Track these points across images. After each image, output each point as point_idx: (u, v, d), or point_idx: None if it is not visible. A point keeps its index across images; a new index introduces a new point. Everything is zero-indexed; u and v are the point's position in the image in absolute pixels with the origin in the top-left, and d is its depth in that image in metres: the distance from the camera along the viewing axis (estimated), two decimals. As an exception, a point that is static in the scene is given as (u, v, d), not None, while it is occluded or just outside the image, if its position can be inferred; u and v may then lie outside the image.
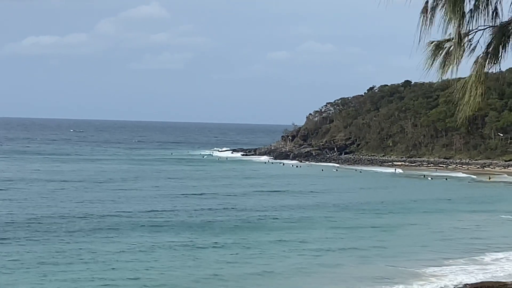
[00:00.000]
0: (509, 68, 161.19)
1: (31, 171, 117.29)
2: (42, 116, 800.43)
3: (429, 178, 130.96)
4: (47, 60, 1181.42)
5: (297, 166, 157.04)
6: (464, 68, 11.97)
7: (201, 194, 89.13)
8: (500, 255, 51.88)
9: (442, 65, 11.77)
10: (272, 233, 59.63)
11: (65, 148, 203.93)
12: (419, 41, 11.41)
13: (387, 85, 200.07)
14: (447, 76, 11.81)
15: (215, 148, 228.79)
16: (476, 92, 11.79)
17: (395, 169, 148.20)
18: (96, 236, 55.38)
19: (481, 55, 11.95)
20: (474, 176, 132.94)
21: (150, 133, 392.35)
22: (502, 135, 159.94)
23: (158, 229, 60.08)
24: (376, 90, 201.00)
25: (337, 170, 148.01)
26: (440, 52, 11.79)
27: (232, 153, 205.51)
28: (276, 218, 69.08)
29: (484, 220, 72.16)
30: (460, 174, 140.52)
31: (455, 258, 49.75)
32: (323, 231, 61.80)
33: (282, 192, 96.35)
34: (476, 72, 11.83)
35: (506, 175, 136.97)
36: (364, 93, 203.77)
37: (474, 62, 11.89)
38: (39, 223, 60.66)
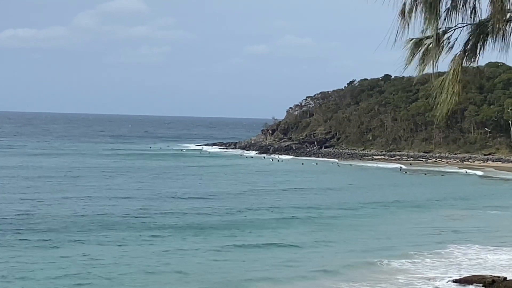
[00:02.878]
0: (488, 62, 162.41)
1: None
2: (19, 109, 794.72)
3: (404, 172, 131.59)
4: (25, 53, 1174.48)
5: (278, 161, 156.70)
6: (443, 64, 11.99)
7: (177, 192, 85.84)
8: (471, 248, 52.10)
9: (421, 62, 11.80)
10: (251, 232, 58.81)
11: (39, 143, 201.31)
12: (396, 38, 11.41)
13: (367, 79, 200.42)
14: (426, 72, 11.83)
15: (197, 143, 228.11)
16: (453, 91, 11.82)
17: (401, 167, 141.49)
18: (62, 237, 53.12)
19: (459, 53, 11.98)
20: (481, 173, 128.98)
21: (129, 127, 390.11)
22: (488, 129, 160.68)
23: (141, 229, 57.59)
24: (356, 84, 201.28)
25: (317, 163, 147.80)
26: (419, 49, 11.81)
27: (211, 147, 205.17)
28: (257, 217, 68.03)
29: (458, 215, 72.67)
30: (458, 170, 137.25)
31: (428, 254, 49.58)
32: (297, 228, 60.73)
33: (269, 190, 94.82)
34: (453, 70, 11.86)
35: (493, 169, 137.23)
36: (344, 87, 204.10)
37: (452, 60, 11.92)
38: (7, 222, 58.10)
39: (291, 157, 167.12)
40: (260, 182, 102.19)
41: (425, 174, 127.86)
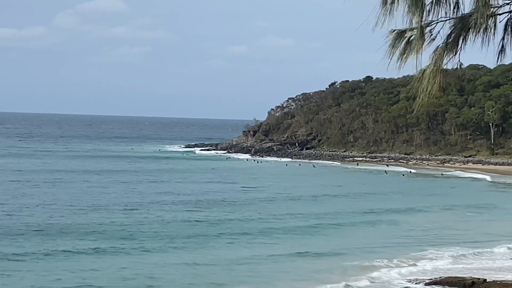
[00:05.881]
0: (469, 64, 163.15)
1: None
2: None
3: (385, 172, 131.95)
4: (4, 53, 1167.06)
5: (255, 161, 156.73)
6: (424, 59, 11.76)
7: (160, 198, 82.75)
8: (451, 251, 52.08)
9: (402, 54, 11.58)
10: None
11: (16, 143, 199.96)
12: (376, 22, 11.16)
13: (348, 81, 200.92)
14: (407, 65, 11.63)
15: (177, 143, 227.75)
16: (434, 81, 11.62)
17: (410, 171, 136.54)
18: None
19: (441, 45, 11.77)
20: (489, 178, 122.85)
21: (109, 127, 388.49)
22: (470, 131, 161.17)
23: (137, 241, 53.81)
24: (338, 86, 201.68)
25: (300, 165, 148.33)
26: (401, 41, 11.59)
27: (193, 148, 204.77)
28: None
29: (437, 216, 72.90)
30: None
31: (408, 257, 49.46)
32: (281, 236, 58.69)
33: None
34: (435, 61, 11.66)
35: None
36: (326, 88, 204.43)
37: (434, 51, 11.71)
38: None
39: (288, 159, 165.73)
40: (250, 189, 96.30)
41: (403, 175, 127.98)
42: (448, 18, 11.59)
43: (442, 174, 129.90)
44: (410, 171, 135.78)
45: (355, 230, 63.15)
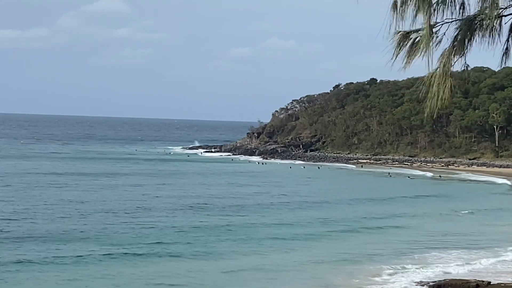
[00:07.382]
0: (474, 67, 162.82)
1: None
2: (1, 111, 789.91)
3: (389, 175, 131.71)
4: (7, 54, 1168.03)
5: (259, 163, 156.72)
6: (422, 62, 11.69)
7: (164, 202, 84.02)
8: (454, 253, 51.99)
9: (408, 55, 11.53)
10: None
11: (20, 145, 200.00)
12: (389, 31, 11.15)
13: (352, 83, 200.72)
14: (412, 67, 11.57)
15: (181, 145, 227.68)
16: (445, 86, 11.55)
17: (427, 174, 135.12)
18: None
19: (448, 48, 11.71)
20: (509, 182, 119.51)
21: (112, 129, 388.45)
22: (473, 135, 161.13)
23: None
24: (342, 88, 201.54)
25: (304, 167, 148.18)
26: (406, 42, 11.54)
27: (197, 150, 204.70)
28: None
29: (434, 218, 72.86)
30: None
31: (411, 259, 49.39)
32: (280, 229, 59.31)
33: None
34: (443, 66, 11.59)
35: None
36: (330, 90, 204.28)
37: (441, 55, 11.65)
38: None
39: (300, 162, 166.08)
40: (255, 193, 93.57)
41: (409, 177, 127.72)
42: (454, 19, 11.54)
43: (440, 176, 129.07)
44: (427, 174, 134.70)
45: (360, 234, 62.84)
